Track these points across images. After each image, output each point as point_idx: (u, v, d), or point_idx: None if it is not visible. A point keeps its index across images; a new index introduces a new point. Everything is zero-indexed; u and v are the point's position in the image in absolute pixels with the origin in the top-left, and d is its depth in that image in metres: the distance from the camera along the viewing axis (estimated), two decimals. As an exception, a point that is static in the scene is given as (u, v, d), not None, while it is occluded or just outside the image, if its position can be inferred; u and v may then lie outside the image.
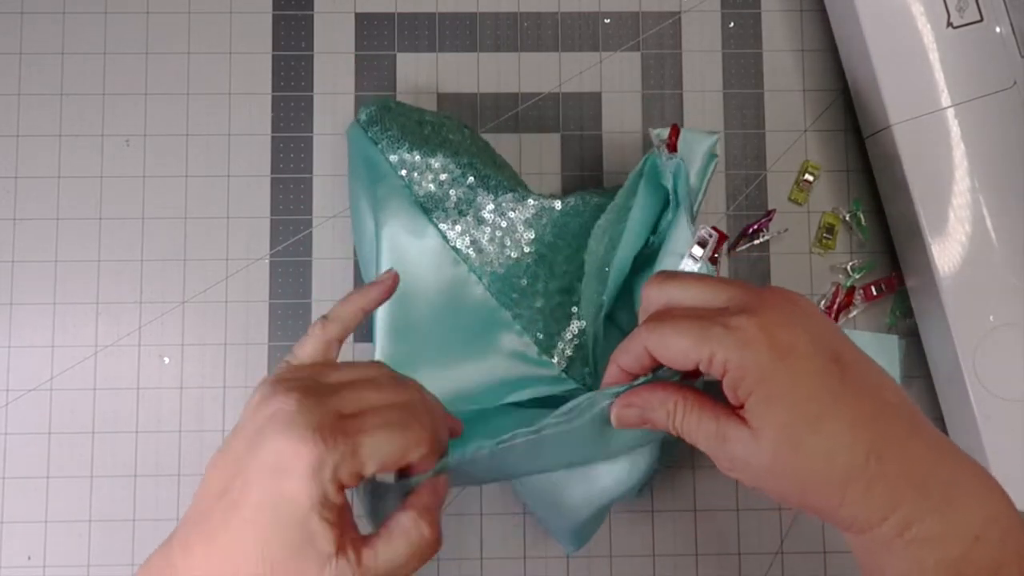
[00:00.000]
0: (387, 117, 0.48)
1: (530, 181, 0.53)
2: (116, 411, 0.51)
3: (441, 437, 0.35)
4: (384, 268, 0.46)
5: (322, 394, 0.34)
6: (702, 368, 0.32)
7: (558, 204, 0.48)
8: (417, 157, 0.47)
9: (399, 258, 0.47)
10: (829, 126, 0.54)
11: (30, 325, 0.51)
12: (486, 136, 0.53)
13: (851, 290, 0.52)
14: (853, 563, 0.52)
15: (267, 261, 0.52)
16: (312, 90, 0.53)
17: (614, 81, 0.54)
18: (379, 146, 0.47)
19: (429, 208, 0.47)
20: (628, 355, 0.34)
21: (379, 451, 0.33)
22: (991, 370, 0.46)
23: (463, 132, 0.49)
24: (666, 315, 0.33)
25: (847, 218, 0.53)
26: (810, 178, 0.53)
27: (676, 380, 0.35)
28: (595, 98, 0.53)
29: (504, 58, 0.53)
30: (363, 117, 0.48)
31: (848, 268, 0.52)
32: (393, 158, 0.47)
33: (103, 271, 0.52)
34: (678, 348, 0.32)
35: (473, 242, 0.47)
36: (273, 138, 0.53)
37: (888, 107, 0.48)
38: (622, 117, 0.53)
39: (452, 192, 0.47)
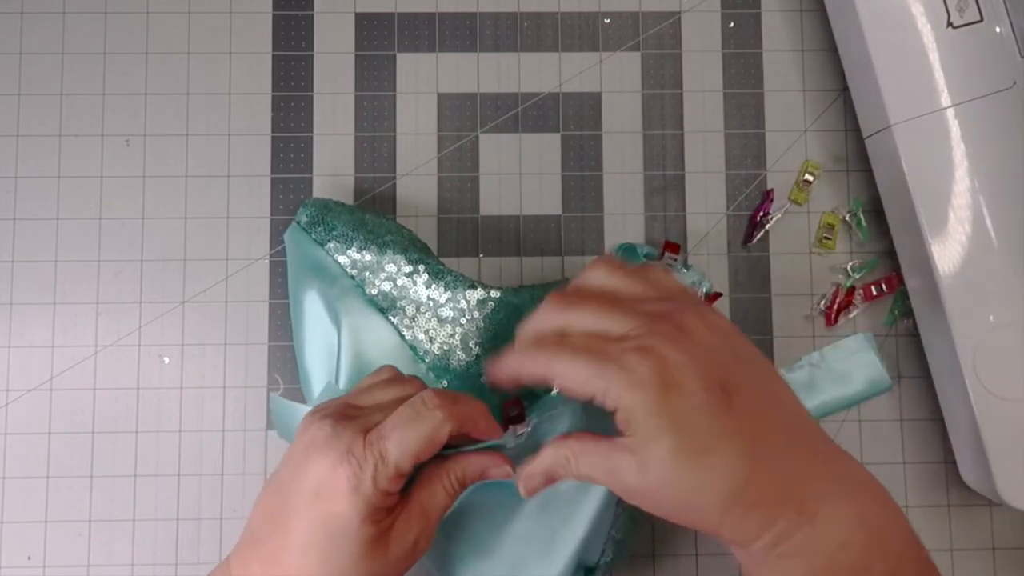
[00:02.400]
0: (329, 216, 0.47)
1: (530, 181, 0.53)
2: (116, 411, 0.51)
3: (466, 412, 0.38)
4: (345, 367, 0.46)
5: (352, 417, 0.37)
6: (596, 401, 0.34)
7: (496, 293, 0.48)
8: (368, 256, 0.47)
9: (360, 358, 0.46)
10: (829, 126, 0.54)
11: (30, 325, 0.51)
12: (486, 136, 0.53)
13: (851, 290, 0.52)
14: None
15: (267, 261, 0.52)
16: (312, 90, 0.53)
17: (614, 81, 0.54)
18: (326, 247, 0.47)
19: (384, 307, 0.47)
20: (527, 374, 0.36)
21: (406, 447, 0.36)
22: (991, 370, 0.46)
23: (401, 232, 0.49)
24: (566, 343, 0.35)
25: (847, 218, 0.53)
26: (810, 178, 0.53)
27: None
28: (595, 98, 0.53)
29: (504, 58, 0.53)
30: (303, 219, 0.48)
31: (848, 268, 0.52)
32: (342, 259, 0.47)
33: (103, 271, 0.52)
34: (575, 381, 0.34)
35: (431, 340, 0.47)
36: (273, 138, 0.53)
37: (888, 107, 0.48)
38: (622, 117, 0.53)
39: (409, 291, 0.47)
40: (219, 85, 0.53)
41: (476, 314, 0.47)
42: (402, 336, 0.47)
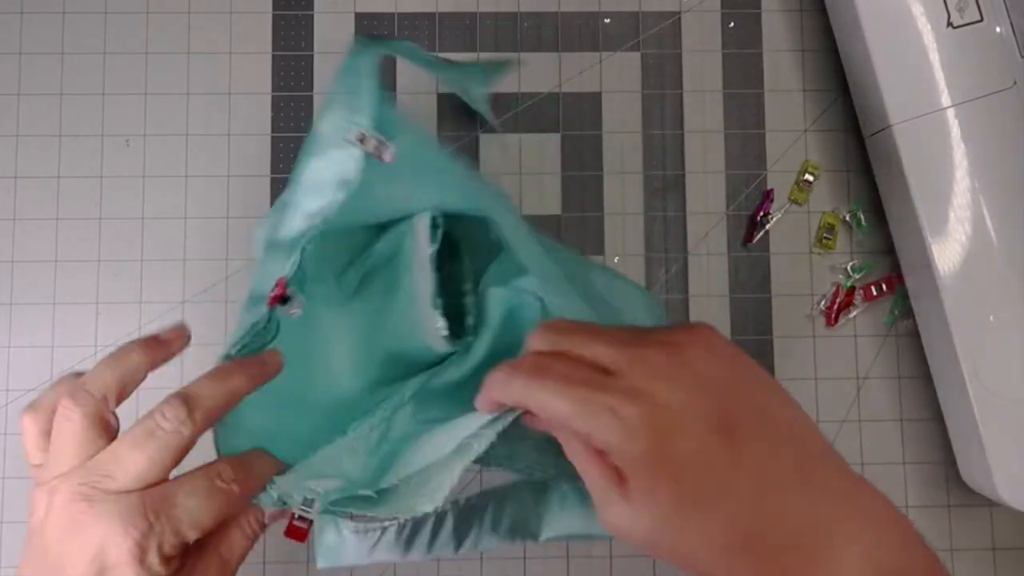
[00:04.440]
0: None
1: (530, 181, 0.53)
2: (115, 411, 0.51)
3: (262, 480, 0.36)
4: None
5: (113, 489, 0.33)
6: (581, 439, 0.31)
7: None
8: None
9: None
10: (829, 126, 0.54)
11: (30, 325, 0.51)
12: (486, 136, 0.53)
13: (851, 290, 0.52)
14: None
15: (267, 261, 0.52)
16: (312, 90, 0.53)
17: (614, 81, 0.53)
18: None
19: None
20: (505, 394, 0.32)
21: (197, 520, 0.33)
22: (991, 370, 0.46)
23: None
24: (546, 371, 0.31)
25: (847, 218, 0.53)
26: (810, 178, 0.53)
27: None
28: (595, 98, 0.53)
29: (504, 58, 0.53)
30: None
31: (848, 268, 0.52)
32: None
33: (103, 271, 0.52)
34: (557, 414, 0.31)
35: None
36: (273, 138, 0.53)
37: (888, 107, 0.48)
38: (622, 117, 0.53)
39: None
40: (219, 85, 0.53)
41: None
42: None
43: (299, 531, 0.36)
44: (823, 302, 0.52)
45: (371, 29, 0.53)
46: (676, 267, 0.53)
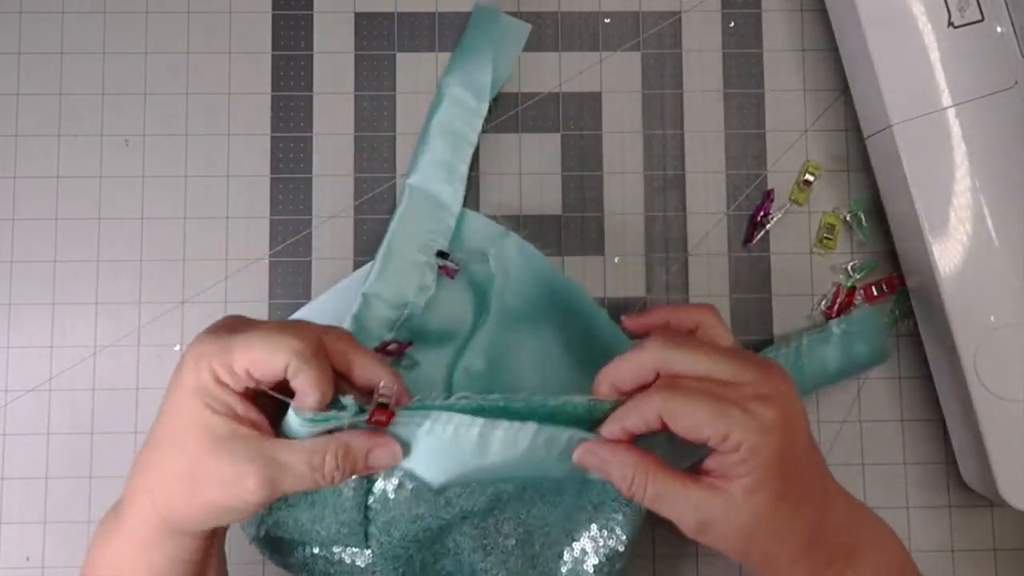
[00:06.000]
0: None
1: (530, 181, 0.53)
2: (116, 411, 0.51)
3: (338, 362, 0.37)
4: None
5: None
6: (712, 444, 0.34)
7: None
8: None
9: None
10: (829, 126, 0.54)
11: (29, 325, 0.51)
12: (486, 136, 0.53)
13: (852, 290, 0.52)
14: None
15: (267, 261, 0.52)
16: (312, 90, 0.53)
17: (614, 81, 0.53)
18: None
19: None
20: (638, 419, 0.36)
21: (248, 346, 0.34)
22: (991, 370, 0.46)
23: None
24: (679, 385, 0.35)
25: (848, 218, 0.53)
26: (811, 178, 0.53)
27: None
28: (595, 98, 0.53)
29: (504, 58, 0.53)
30: None
31: (849, 268, 0.52)
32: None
33: (102, 271, 0.52)
34: (694, 422, 0.34)
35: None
36: (273, 138, 0.53)
37: (889, 107, 0.48)
38: (622, 117, 0.53)
39: None
40: (219, 85, 0.53)
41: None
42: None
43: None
44: (824, 302, 0.52)
45: (371, 29, 0.53)
46: (676, 267, 0.52)
